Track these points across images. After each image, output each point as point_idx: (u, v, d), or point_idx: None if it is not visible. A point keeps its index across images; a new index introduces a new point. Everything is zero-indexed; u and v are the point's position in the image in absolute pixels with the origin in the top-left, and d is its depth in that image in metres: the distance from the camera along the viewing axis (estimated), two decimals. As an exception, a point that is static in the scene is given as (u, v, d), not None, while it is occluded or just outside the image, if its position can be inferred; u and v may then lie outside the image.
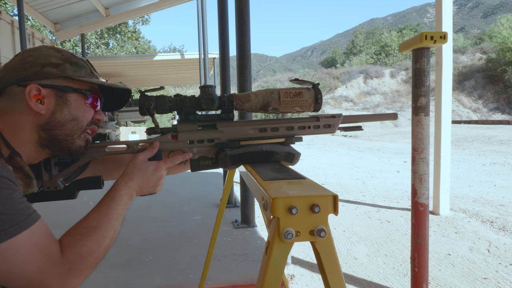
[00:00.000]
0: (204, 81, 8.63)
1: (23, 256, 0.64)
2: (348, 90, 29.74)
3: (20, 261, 0.64)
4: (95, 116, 0.87)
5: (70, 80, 0.81)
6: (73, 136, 0.83)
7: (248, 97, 0.96)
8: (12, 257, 0.63)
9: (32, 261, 0.65)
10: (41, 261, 0.66)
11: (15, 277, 0.64)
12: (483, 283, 2.37)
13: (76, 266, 0.70)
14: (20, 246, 0.64)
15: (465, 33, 75.30)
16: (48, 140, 0.81)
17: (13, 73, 0.78)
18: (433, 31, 0.87)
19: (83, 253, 0.71)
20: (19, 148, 0.77)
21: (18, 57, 0.80)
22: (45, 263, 0.66)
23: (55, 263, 0.68)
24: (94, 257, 0.73)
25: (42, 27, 16.76)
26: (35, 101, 0.77)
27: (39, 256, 0.66)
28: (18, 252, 0.64)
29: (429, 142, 0.98)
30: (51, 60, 0.79)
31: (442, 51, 3.67)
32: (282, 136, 0.97)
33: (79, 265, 0.70)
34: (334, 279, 0.64)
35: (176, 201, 4.30)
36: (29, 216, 0.67)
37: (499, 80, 25.77)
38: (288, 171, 0.86)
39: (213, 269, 2.22)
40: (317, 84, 0.97)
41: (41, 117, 0.78)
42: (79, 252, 0.71)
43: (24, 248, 0.64)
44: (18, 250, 0.64)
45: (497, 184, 5.27)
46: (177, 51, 36.65)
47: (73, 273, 0.70)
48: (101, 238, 0.75)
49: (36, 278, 0.65)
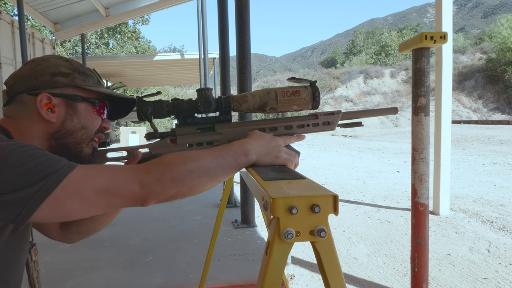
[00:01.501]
0: (204, 81, 8.62)
1: (91, 176, 0.64)
2: (348, 90, 29.74)
3: (91, 180, 0.63)
4: (102, 124, 0.89)
5: (79, 89, 0.83)
6: (82, 144, 0.85)
7: (245, 98, 0.96)
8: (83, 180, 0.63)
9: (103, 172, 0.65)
10: (112, 170, 0.65)
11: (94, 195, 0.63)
12: (483, 283, 2.37)
13: (155, 170, 0.67)
14: (83, 172, 0.64)
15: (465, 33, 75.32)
16: (58, 148, 0.82)
17: (23, 82, 0.79)
18: (433, 31, 0.87)
19: (163, 162, 0.68)
20: None
21: (27, 66, 0.81)
22: (118, 170, 0.66)
23: (130, 169, 0.67)
24: (175, 170, 0.68)
25: (42, 27, 16.75)
26: (46, 110, 0.78)
27: (108, 169, 0.66)
28: (86, 175, 0.64)
29: (429, 142, 0.98)
30: (61, 69, 0.81)
31: (442, 51, 3.67)
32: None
33: (158, 170, 0.67)
34: (334, 279, 0.64)
35: (176, 201, 4.30)
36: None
37: (499, 80, 25.77)
38: (288, 171, 0.86)
39: (213, 269, 2.22)
40: (314, 82, 0.97)
41: (52, 126, 0.80)
42: (160, 161, 0.69)
43: (90, 170, 0.65)
44: (85, 173, 0.64)
45: (497, 184, 5.27)
46: (177, 51, 36.64)
47: (151, 176, 0.66)
48: (188, 158, 0.71)
49: (112, 185, 0.64)
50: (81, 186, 0.63)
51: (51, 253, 2.65)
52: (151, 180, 0.66)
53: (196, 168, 0.70)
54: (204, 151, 0.75)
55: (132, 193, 0.65)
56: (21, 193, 0.59)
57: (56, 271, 2.38)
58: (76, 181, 0.62)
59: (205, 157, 0.73)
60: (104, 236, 3.02)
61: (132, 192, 0.65)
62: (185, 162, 0.70)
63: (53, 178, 0.61)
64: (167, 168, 0.67)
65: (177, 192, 0.68)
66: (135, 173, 0.66)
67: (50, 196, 0.60)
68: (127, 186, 0.65)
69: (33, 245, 0.87)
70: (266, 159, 0.84)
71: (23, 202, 0.59)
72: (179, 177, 0.68)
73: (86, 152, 0.86)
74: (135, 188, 0.65)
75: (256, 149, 0.82)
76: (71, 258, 2.58)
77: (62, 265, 2.47)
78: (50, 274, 2.33)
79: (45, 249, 2.68)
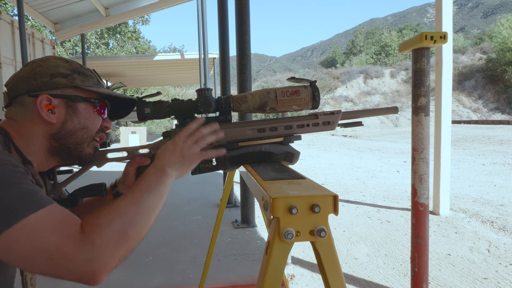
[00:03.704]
0: (204, 81, 8.63)
1: (40, 232, 0.60)
2: (348, 90, 29.73)
3: (37, 237, 0.60)
4: (103, 123, 0.89)
5: (79, 89, 0.83)
6: (83, 144, 0.85)
7: (244, 98, 0.96)
8: (30, 234, 0.60)
9: (48, 235, 0.61)
10: (59, 233, 0.61)
11: (35, 254, 0.60)
12: (483, 283, 2.37)
13: (97, 237, 0.62)
14: (37, 223, 0.61)
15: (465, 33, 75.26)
16: (59, 148, 0.82)
17: (23, 84, 0.79)
18: (433, 31, 0.87)
19: (102, 224, 0.64)
20: (30, 156, 0.79)
21: (27, 68, 0.81)
22: (63, 236, 0.61)
23: (73, 236, 0.62)
24: (117, 228, 0.65)
25: (42, 27, 16.76)
26: (46, 111, 0.78)
27: (55, 230, 0.61)
28: (35, 228, 0.60)
29: (429, 142, 0.98)
30: (60, 70, 0.81)
31: (442, 51, 3.67)
32: (281, 136, 0.97)
33: (100, 236, 0.62)
34: (334, 279, 0.64)
35: (176, 201, 4.30)
36: (43, 198, 0.64)
37: (499, 80, 25.76)
38: (288, 171, 0.86)
39: (213, 269, 2.22)
40: (314, 82, 0.97)
41: (52, 127, 0.80)
42: (97, 223, 0.64)
43: (41, 224, 0.61)
44: (35, 226, 0.61)
45: (497, 184, 5.27)
46: (177, 51, 36.64)
47: (96, 247, 0.62)
48: (123, 209, 0.68)
49: (55, 252, 0.60)
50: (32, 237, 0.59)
51: (51, 253, 2.65)
52: (97, 254, 0.61)
53: (135, 215, 0.68)
54: (131, 194, 0.72)
55: (76, 270, 0.60)
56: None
57: (56, 271, 2.38)
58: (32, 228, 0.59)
59: (137, 199, 0.71)
60: (104, 236, 3.01)
61: (76, 269, 0.60)
62: (122, 214, 0.67)
63: (13, 214, 0.59)
64: (109, 230, 0.63)
65: (125, 250, 0.65)
66: (80, 247, 0.60)
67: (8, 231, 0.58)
68: (71, 262, 0.60)
69: None
70: (184, 167, 0.83)
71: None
72: (123, 234, 0.65)
73: (88, 152, 0.87)
74: (79, 265, 0.60)
75: (172, 163, 0.81)
76: (71, 258, 2.58)
77: (62, 265, 2.47)
78: (50, 274, 2.33)
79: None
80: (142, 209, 0.70)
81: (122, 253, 0.64)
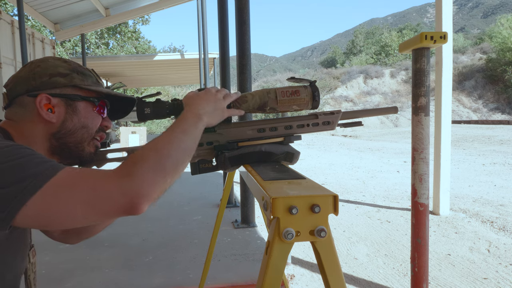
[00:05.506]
0: (204, 81, 8.62)
1: (69, 186, 0.61)
2: (348, 90, 29.73)
3: (68, 191, 0.60)
4: (103, 123, 0.90)
5: (78, 89, 0.83)
6: (83, 144, 0.85)
7: (244, 98, 0.95)
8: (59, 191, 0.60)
9: (80, 184, 0.62)
10: (92, 179, 0.62)
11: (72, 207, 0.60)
12: (483, 283, 2.37)
13: (134, 170, 0.63)
14: (64, 179, 0.61)
15: (465, 33, 75.24)
16: (59, 148, 0.82)
17: (22, 84, 0.80)
18: (433, 31, 0.87)
19: (137, 160, 0.65)
20: None
21: (26, 68, 0.82)
22: (97, 179, 0.62)
23: (108, 176, 0.63)
24: (153, 161, 0.66)
25: (42, 27, 16.77)
26: (45, 111, 0.78)
27: (87, 177, 0.63)
28: (62, 185, 0.61)
29: (429, 142, 0.98)
30: (59, 70, 0.82)
31: (442, 51, 3.67)
32: (281, 136, 0.97)
33: (136, 168, 0.63)
34: (334, 279, 0.64)
35: (176, 201, 4.30)
36: (59, 164, 0.65)
37: (499, 80, 25.77)
38: (288, 171, 0.86)
39: (213, 269, 2.22)
40: (314, 82, 0.96)
41: (52, 126, 0.80)
42: (133, 161, 0.65)
43: (70, 178, 0.62)
44: (68, 179, 0.61)
45: (497, 184, 5.27)
46: (177, 51, 36.60)
47: (133, 178, 0.62)
48: (160, 146, 0.69)
49: (92, 195, 0.61)
50: (63, 192, 0.60)
51: (51, 253, 2.65)
52: (135, 184, 0.62)
53: (170, 150, 0.70)
54: (166, 134, 0.73)
55: (117, 205, 0.62)
56: (5, 190, 0.57)
57: (56, 271, 2.38)
58: (59, 185, 0.60)
59: (173, 138, 0.73)
60: (104, 236, 3.01)
61: (117, 204, 0.61)
62: (158, 150, 0.68)
63: (37, 179, 0.59)
64: (145, 163, 0.65)
65: (164, 182, 0.66)
66: (116, 182, 0.62)
67: (35, 196, 0.58)
68: (110, 198, 0.61)
69: (31, 246, 0.87)
70: (215, 116, 0.87)
71: (6, 201, 0.57)
72: (160, 167, 0.66)
73: (88, 151, 0.87)
74: (119, 198, 0.61)
75: (206, 111, 0.84)
76: (71, 258, 2.58)
77: (62, 265, 2.47)
78: (50, 274, 2.33)
79: (45, 249, 2.68)
80: (177, 146, 0.71)
81: (161, 184, 0.65)
